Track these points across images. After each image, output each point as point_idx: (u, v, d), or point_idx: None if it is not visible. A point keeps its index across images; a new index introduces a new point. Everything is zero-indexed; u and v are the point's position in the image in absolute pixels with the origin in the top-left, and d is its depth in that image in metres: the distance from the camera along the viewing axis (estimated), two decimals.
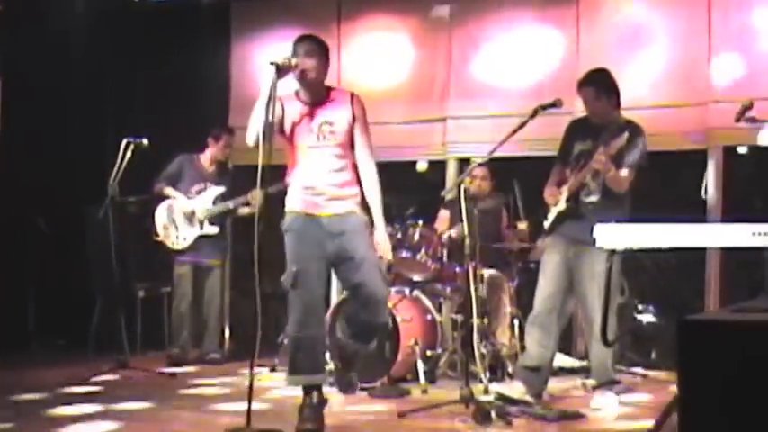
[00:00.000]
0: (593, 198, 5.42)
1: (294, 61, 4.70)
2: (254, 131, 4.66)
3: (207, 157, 7.45)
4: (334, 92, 4.98)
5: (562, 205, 5.50)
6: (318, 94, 4.88)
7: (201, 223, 7.23)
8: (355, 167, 4.92)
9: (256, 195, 7.05)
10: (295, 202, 4.85)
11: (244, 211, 7.32)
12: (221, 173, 7.47)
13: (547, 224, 5.65)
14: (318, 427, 4.65)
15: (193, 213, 7.23)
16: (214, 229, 7.30)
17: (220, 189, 7.34)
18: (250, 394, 4.26)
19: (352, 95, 4.97)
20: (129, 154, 6.67)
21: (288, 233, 4.82)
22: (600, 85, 5.54)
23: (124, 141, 6.67)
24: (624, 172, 5.32)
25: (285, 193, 4.95)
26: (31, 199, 8.00)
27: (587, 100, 5.55)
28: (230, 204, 7.27)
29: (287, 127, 4.80)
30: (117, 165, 6.64)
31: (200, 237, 7.27)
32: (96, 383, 6.19)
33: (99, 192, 6.77)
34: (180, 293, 7.31)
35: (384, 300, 4.92)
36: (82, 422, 4.95)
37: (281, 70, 4.63)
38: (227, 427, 4.52)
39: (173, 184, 7.29)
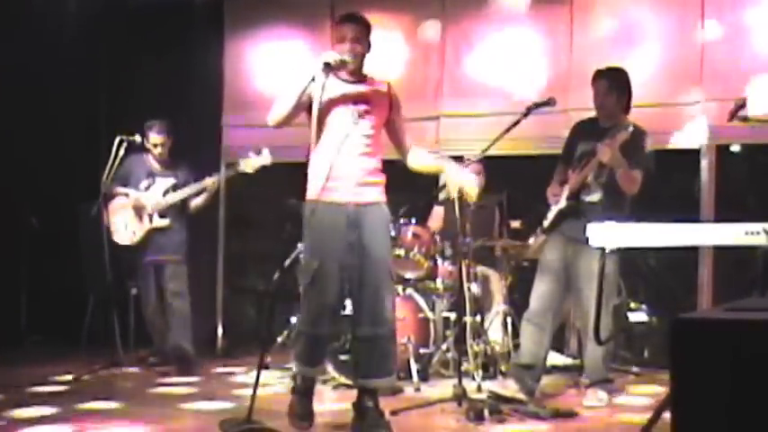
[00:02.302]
0: (594, 197, 5.43)
1: (348, 59, 4.52)
2: (279, 114, 4.57)
3: (151, 155, 7.14)
4: (371, 78, 4.78)
5: (563, 203, 5.51)
6: (360, 75, 4.71)
7: (151, 217, 6.98)
8: (381, 155, 4.77)
9: (211, 182, 6.91)
10: (319, 189, 4.52)
11: (197, 201, 7.02)
12: (170, 167, 7.13)
13: (547, 222, 5.65)
14: (305, 411, 4.68)
15: (143, 208, 6.98)
16: (164, 221, 6.97)
17: (170, 181, 7.04)
18: (255, 389, 4.24)
19: (390, 86, 4.83)
20: (122, 152, 6.66)
21: (310, 225, 4.56)
22: (614, 80, 5.56)
23: (117, 139, 6.66)
24: (636, 173, 5.34)
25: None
26: (24, 197, 7.99)
27: (598, 92, 5.56)
28: (181, 195, 6.96)
29: (322, 103, 4.47)
30: (110, 162, 6.63)
31: (155, 234, 6.98)
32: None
33: (92, 189, 6.76)
34: (144, 298, 7.11)
35: (387, 304, 4.64)
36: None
37: (331, 69, 4.45)
38: (222, 419, 4.53)
39: (123, 184, 7.04)
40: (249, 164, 6.53)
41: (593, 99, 5.63)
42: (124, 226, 6.99)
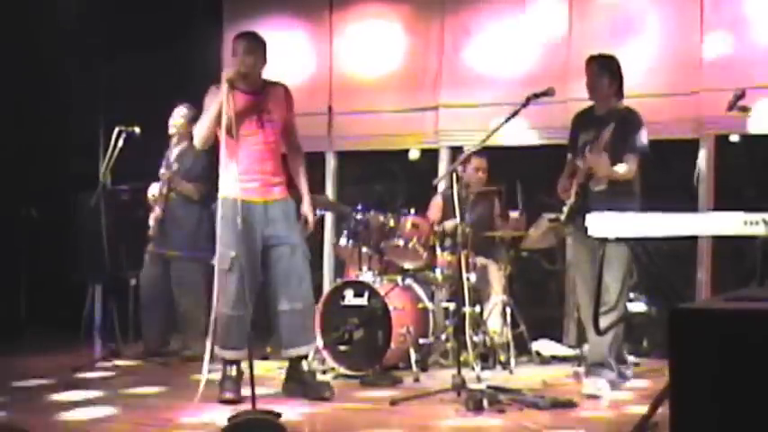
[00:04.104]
0: (602, 186, 5.48)
1: (242, 70, 5.16)
2: (201, 137, 5.27)
3: (172, 140, 7.06)
4: (270, 84, 5.43)
5: (572, 198, 5.55)
6: (256, 85, 5.34)
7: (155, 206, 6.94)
8: (281, 155, 5.45)
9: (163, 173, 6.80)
10: (231, 189, 5.08)
11: (184, 187, 6.84)
12: (181, 154, 6.96)
13: (563, 217, 5.68)
14: (238, 397, 5.11)
15: (152, 199, 6.93)
16: (157, 211, 6.84)
17: (172, 168, 6.87)
18: (252, 378, 4.27)
19: (286, 89, 5.47)
20: (120, 142, 6.65)
21: (224, 219, 5.07)
22: (604, 64, 5.68)
23: (116, 130, 6.65)
24: (629, 158, 5.43)
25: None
26: (23, 187, 7.98)
27: (589, 75, 5.66)
28: (159, 185, 6.84)
29: (230, 112, 5.01)
30: (109, 153, 6.62)
31: (161, 225, 6.87)
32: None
33: (91, 180, 6.75)
34: (142, 286, 7.08)
35: (302, 282, 5.35)
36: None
37: (235, 83, 5.06)
38: (230, 414, 4.54)
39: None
40: None
41: (585, 84, 5.71)
42: (150, 224, 6.99)
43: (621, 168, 5.41)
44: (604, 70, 5.63)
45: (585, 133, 5.62)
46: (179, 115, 7.00)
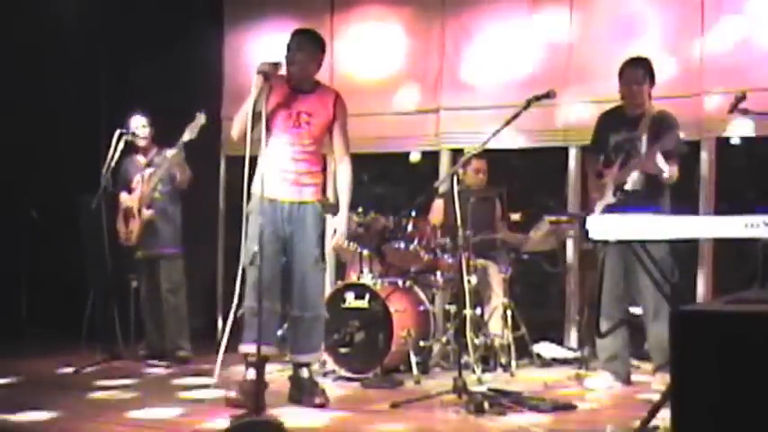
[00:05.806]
0: (638, 187, 5.54)
1: (281, 67, 5.03)
2: (238, 129, 5.09)
3: (138, 147, 7.13)
4: (322, 87, 5.36)
5: (610, 198, 5.59)
6: (305, 84, 5.25)
7: (140, 211, 6.96)
8: (321, 160, 5.39)
9: (171, 155, 6.78)
10: (261, 186, 5.02)
11: (179, 178, 6.88)
12: (155, 158, 7.04)
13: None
14: (255, 401, 4.81)
15: (132, 207, 7.00)
16: (148, 212, 6.90)
17: (150, 170, 6.97)
18: (259, 380, 4.26)
19: (337, 96, 5.34)
20: (122, 145, 6.65)
21: (251, 215, 5.09)
22: (647, 69, 5.71)
23: (117, 132, 6.65)
24: (674, 165, 5.49)
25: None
26: (24, 189, 7.98)
27: (632, 81, 5.68)
28: (154, 179, 6.89)
29: (268, 106, 4.98)
30: (110, 155, 6.62)
31: (147, 228, 6.95)
32: None
33: (92, 182, 6.75)
34: (142, 288, 7.18)
35: (312, 291, 5.25)
36: None
37: (269, 76, 4.94)
38: (232, 415, 4.54)
39: (126, 187, 7.09)
40: (192, 131, 6.58)
41: (621, 87, 5.74)
42: (125, 226, 7.05)
43: (674, 171, 5.49)
44: (647, 73, 5.69)
45: (616, 134, 5.70)
46: (140, 125, 7.03)
